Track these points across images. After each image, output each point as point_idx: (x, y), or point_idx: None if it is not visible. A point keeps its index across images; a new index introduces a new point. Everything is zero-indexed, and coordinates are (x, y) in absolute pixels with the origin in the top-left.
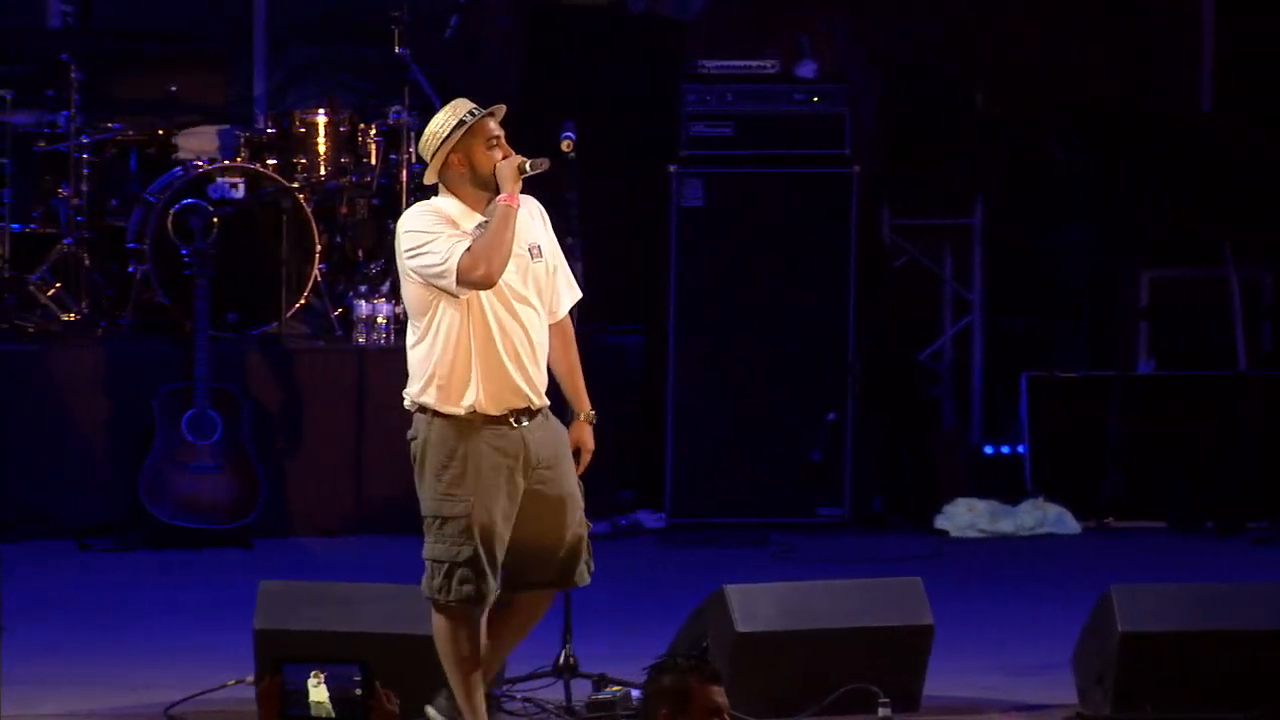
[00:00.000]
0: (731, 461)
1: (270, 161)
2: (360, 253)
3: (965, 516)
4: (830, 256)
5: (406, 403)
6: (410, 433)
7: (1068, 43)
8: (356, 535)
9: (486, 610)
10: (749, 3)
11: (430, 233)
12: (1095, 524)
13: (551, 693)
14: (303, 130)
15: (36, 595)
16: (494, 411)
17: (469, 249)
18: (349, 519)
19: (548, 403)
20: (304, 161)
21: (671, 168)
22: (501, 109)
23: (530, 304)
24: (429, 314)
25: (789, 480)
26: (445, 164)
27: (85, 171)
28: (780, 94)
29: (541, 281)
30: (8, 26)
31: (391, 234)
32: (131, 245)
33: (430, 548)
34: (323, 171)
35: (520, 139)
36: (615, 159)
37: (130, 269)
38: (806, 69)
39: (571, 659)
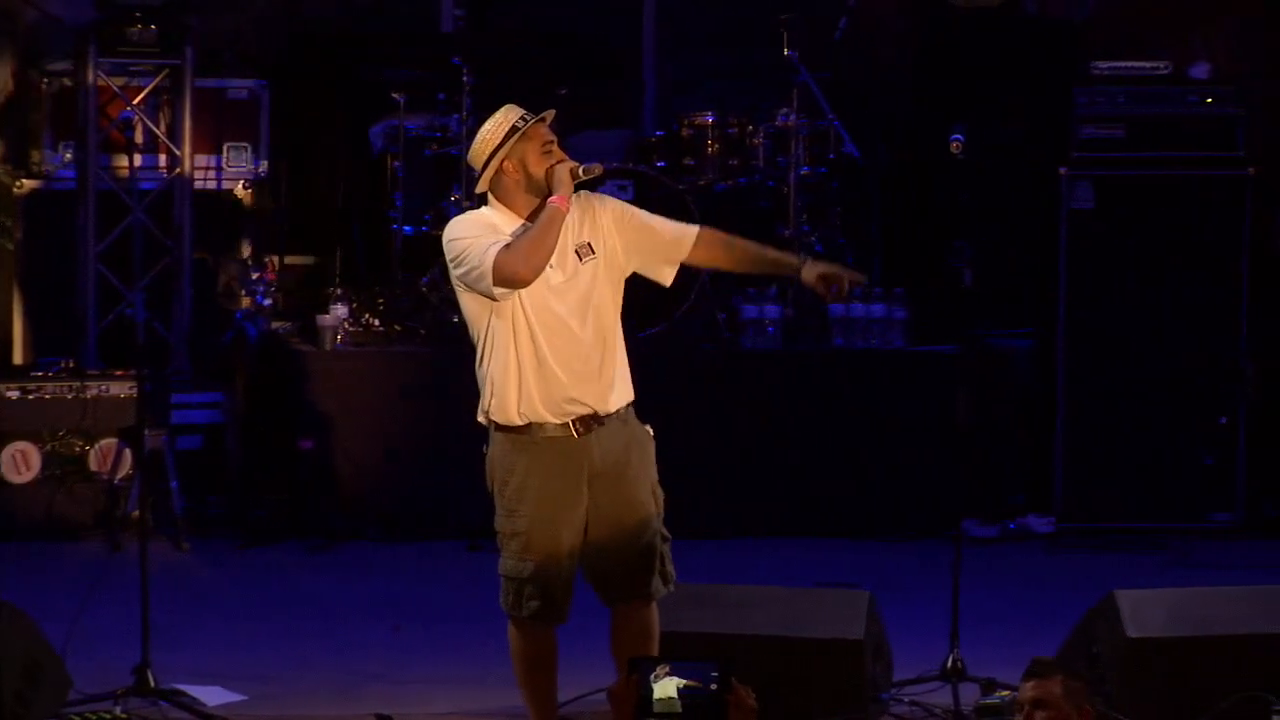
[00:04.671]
0: (1121, 465)
1: (659, 164)
2: None
3: None
4: (1222, 259)
5: (479, 416)
6: (485, 446)
7: None
8: (740, 538)
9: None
10: (1141, 4)
11: (468, 238)
12: None
13: (939, 696)
14: (690, 133)
15: (428, 595)
16: (552, 420)
17: (506, 245)
18: (731, 521)
19: (621, 403)
20: (692, 164)
21: (1062, 170)
22: (552, 113)
23: (583, 308)
24: (482, 326)
25: (1180, 484)
26: (498, 172)
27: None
28: (1172, 95)
29: (599, 279)
30: (401, 30)
31: (779, 238)
32: None
33: (501, 563)
34: (711, 174)
35: (909, 141)
36: (1005, 161)
37: None
38: (1199, 70)
39: (959, 663)
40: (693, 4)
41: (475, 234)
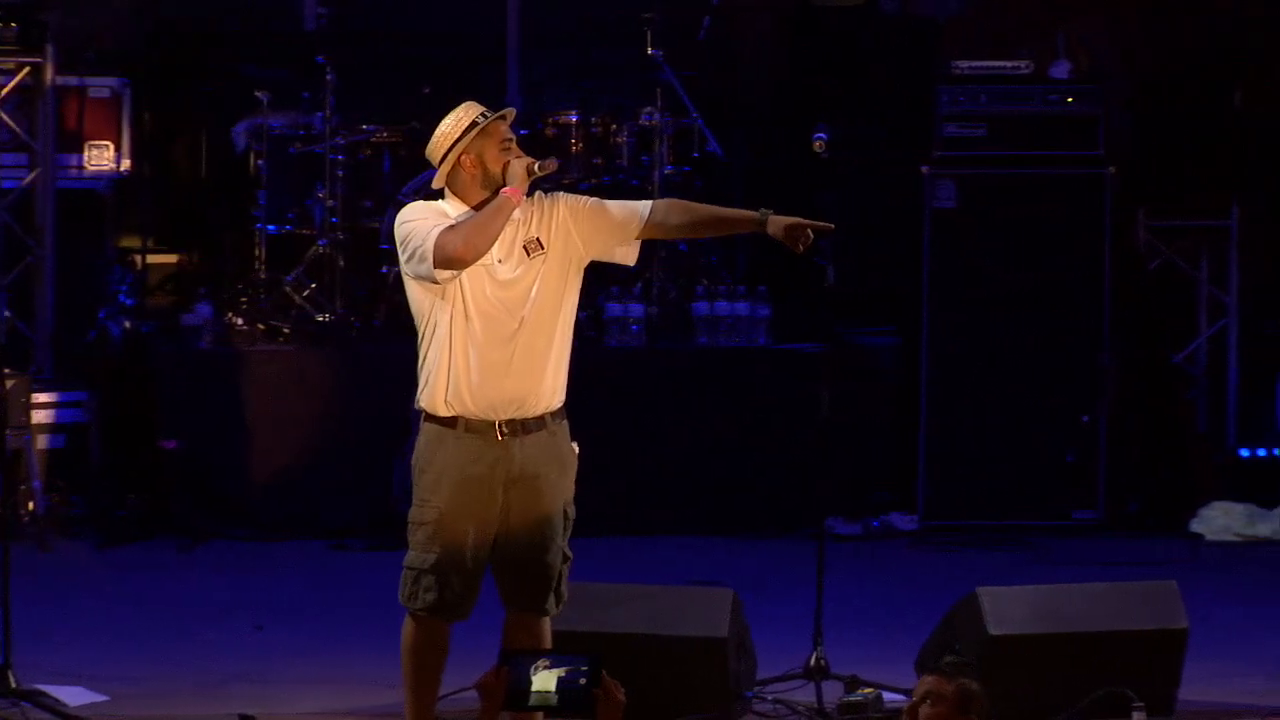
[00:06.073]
0: (985, 463)
1: None
2: None
3: (1221, 520)
4: (1083, 258)
5: (415, 405)
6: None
7: None
8: (607, 537)
9: (450, 623)
10: (1002, 3)
11: (416, 220)
12: None
13: (803, 694)
14: (555, 131)
15: (292, 595)
16: (479, 417)
17: (450, 227)
18: (595, 519)
19: (552, 408)
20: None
21: (924, 169)
22: (512, 112)
23: (525, 304)
24: (425, 316)
25: (1043, 482)
26: (456, 166)
27: (340, 173)
28: (1034, 94)
29: (547, 276)
30: (264, 29)
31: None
32: (385, 246)
33: (407, 553)
34: (575, 173)
35: (774, 140)
36: (868, 160)
37: (383, 270)
38: (1060, 69)
39: (823, 660)
40: (556, 2)
41: (423, 217)
